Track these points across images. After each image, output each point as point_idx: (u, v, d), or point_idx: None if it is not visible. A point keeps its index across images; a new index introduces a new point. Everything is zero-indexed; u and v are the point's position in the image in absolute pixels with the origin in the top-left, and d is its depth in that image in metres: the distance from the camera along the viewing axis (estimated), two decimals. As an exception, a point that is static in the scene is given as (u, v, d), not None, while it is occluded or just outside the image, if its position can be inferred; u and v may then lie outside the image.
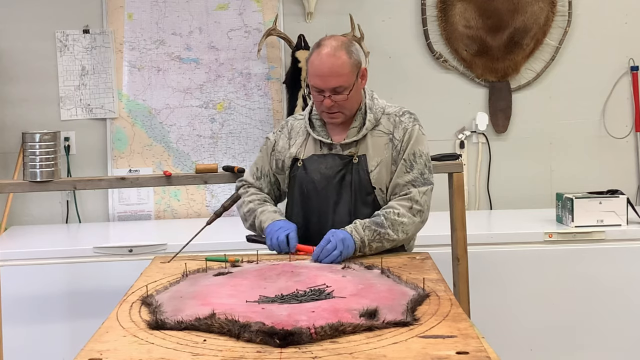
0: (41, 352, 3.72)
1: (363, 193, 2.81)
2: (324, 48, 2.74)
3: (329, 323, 1.87)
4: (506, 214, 4.51)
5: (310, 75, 2.77)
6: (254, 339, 1.81)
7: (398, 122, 2.86)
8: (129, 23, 4.53)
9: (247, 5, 4.58)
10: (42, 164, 3.30)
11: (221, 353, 1.75)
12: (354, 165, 2.82)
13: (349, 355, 1.74)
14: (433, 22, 4.63)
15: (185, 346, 1.80)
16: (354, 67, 2.76)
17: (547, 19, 4.61)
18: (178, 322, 1.92)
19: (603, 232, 3.89)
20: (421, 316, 2.01)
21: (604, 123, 4.69)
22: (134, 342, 1.84)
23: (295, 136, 2.95)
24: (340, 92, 2.75)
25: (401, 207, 2.77)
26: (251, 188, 3.02)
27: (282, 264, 2.56)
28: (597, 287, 3.85)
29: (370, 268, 2.51)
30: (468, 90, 4.67)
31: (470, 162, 4.66)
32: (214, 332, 1.87)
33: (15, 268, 3.66)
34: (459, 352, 1.76)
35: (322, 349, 1.78)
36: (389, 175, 2.83)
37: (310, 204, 2.87)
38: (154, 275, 2.48)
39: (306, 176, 2.87)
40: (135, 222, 4.49)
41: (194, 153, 4.55)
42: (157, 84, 4.54)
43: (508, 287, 3.86)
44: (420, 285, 2.26)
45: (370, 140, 2.84)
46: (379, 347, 1.79)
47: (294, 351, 1.76)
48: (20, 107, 4.48)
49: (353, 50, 2.78)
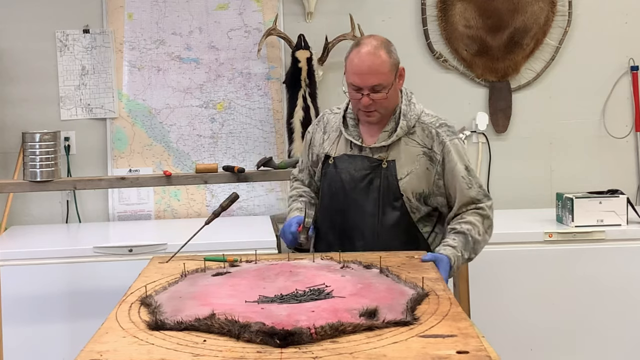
0: (41, 352, 3.72)
1: (390, 198, 2.80)
2: (364, 47, 2.74)
3: (329, 323, 1.87)
4: (506, 214, 4.50)
5: (349, 73, 2.76)
6: (254, 339, 1.81)
7: (435, 135, 2.83)
8: (129, 23, 4.53)
9: (247, 5, 4.58)
10: (42, 164, 3.31)
11: (221, 353, 1.75)
12: (383, 170, 2.81)
13: (349, 355, 1.74)
14: (433, 22, 4.63)
15: (185, 347, 1.80)
16: (393, 66, 2.76)
17: (547, 19, 4.61)
18: (178, 323, 1.91)
19: (603, 232, 3.89)
20: (421, 315, 2.01)
21: (604, 123, 4.69)
22: (133, 343, 1.84)
23: (329, 131, 2.96)
24: (378, 90, 2.74)
25: (478, 223, 2.80)
26: (295, 182, 3.11)
27: (281, 264, 2.56)
28: (597, 287, 3.85)
29: (369, 267, 2.50)
30: (468, 90, 4.67)
31: (471, 162, 4.65)
32: (214, 332, 1.87)
33: (15, 268, 3.66)
34: (460, 352, 1.76)
35: (322, 349, 1.78)
36: (423, 186, 2.81)
37: (337, 202, 2.87)
38: (152, 276, 2.47)
39: (335, 175, 2.88)
40: (135, 222, 4.49)
41: (194, 153, 4.55)
42: (157, 83, 4.54)
43: (508, 287, 3.86)
44: (420, 285, 2.26)
45: (403, 148, 2.82)
46: (379, 346, 1.79)
47: (294, 351, 1.76)
48: (20, 107, 4.48)
49: (392, 49, 2.79)
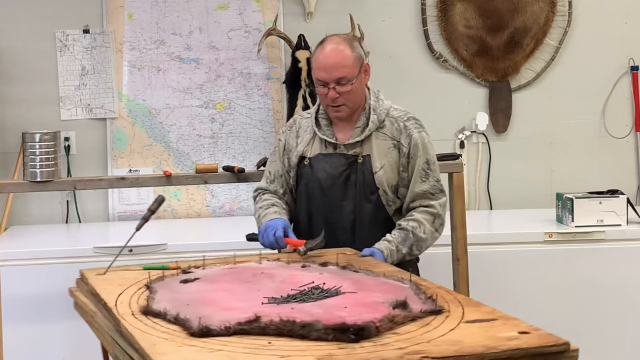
0: (41, 352, 3.72)
1: (367, 192, 2.87)
2: (328, 44, 2.86)
3: (385, 315, 1.87)
4: (506, 214, 4.51)
5: (315, 69, 2.86)
6: (323, 337, 1.77)
7: (403, 127, 2.91)
8: (129, 23, 4.53)
9: (247, 5, 4.58)
10: (42, 164, 3.30)
11: (304, 352, 1.70)
12: (359, 165, 2.88)
13: (427, 343, 1.75)
14: (433, 22, 4.63)
15: (259, 350, 1.73)
16: (357, 60, 2.85)
17: (547, 19, 4.61)
18: (226, 328, 1.82)
19: (603, 232, 3.89)
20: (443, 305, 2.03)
21: (604, 123, 4.69)
22: (200, 351, 1.73)
23: (302, 134, 3.00)
24: (344, 83, 2.82)
25: (426, 221, 2.86)
26: (265, 194, 3.05)
27: (250, 267, 2.50)
28: (597, 287, 3.85)
29: (325, 265, 2.52)
30: (468, 90, 4.67)
31: (470, 162, 4.66)
32: (268, 334, 1.81)
33: (15, 268, 3.65)
34: (521, 332, 1.78)
35: (396, 340, 1.77)
36: (396, 178, 2.89)
37: (316, 202, 2.92)
38: (110, 288, 2.32)
39: (312, 175, 2.92)
40: (135, 222, 4.44)
41: (194, 153, 4.55)
42: (157, 84, 4.54)
43: (508, 287, 3.86)
44: (403, 278, 2.30)
45: (375, 142, 2.89)
46: (440, 334, 1.80)
47: (373, 344, 1.74)
48: (20, 107, 4.48)
49: (356, 45, 2.90)
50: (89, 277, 2.47)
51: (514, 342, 1.72)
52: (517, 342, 1.72)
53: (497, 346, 1.70)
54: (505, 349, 1.69)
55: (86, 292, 2.44)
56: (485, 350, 1.68)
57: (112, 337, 2.08)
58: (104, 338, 2.18)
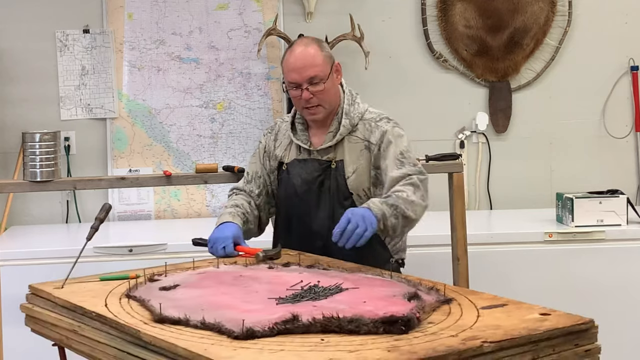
0: (41, 352, 3.71)
1: (341, 198, 2.83)
2: (297, 46, 2.88)
3: (417, 306, 1.90)
4: (506, 214, 4.51)
5: (286, 72, 2.86)
6: (373, 331, 1.78)
7: (374, 127, 2.86)
8: (129, 23, 4.53)
9: (247, 5, 4.58)
10: (42, 164, 3.30)
11: (366, 346, 1.71)
12: (332, 170, 2.86)
13: (470, 329, 1.80)
14: (433, 22, 4.63)
15: (321, 346, 1.72)
16: (327, 59, 2.86)
17: (547, 19, 4.61)
18: (270, 329, 1.81)
19: (603, 232, 3.89)
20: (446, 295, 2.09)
21: (604, 123, 4.69)
22: (261, 352, 1.71)
23: (281, 138, 3.00)
24: (316, 83, 2.81)
25: (407, 189, 2.72)
26: (238, 195, 3.02)
27: (230, 272, 2.49)
28: (597, 287, 3.85)
29: (288, 265, 2.53)
30: (468, 90, 4.67)
31: (470, 162, 4.66)
32: (312, 332, 1.81)
33: (15, 268, 3.65)
34: (542, 314, 1.89)
35: (441, 329, 1.81)
36: (368, 181, 2.84)
37: (293, 208, 2.90)
38: (88, 300, 2.24)
39: (288, 180, 2.92)
40: (135, 222, 4.48)
41: (194, 153, 4.55)
42: (157, 83, 4.54)
43: (508, 287, 3.85)
44: (383, 273, 2.33)
45: (347, 146, 2.87)
46: (473, 321, 1.86)
47: (424, 334, 1.77)
48: (20, 107, 4.48)
49: (324, 46, 2.91)
50: (48, 291, 2.38)
51: (547, 323, 1.83)
52: (550, 323, 1.83)
53: (536, 328, 1.80)
54: (545, 330, 1.79)
55: (51, 307, 2.35)
56: (530, 332, 1.77)
57: (119, 350, 2.01)
58: (96, 352, 2.11)
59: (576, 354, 1.84)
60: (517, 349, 1.75)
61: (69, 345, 2.28)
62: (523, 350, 1.76)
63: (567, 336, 1.83)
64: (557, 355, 1.81)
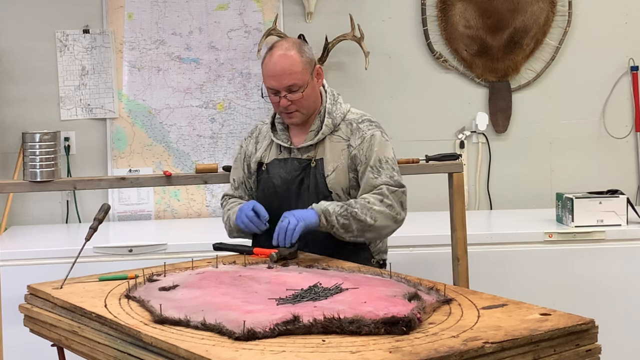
0: (41, 352, 3.71)
1: (320, 197, 2.82)
2: (276, 50, 2.80)
3: (417, 306, 1.90)
4: (506, 214, 4.51)
5: (265, 77, 2.81)
6: (374, 332, 1.79)
7: (355, 129, 2.86)
8: (129, 23, 4.53)
9: (247, 5, 4.58)
10: (42, 164, 3.30)
11: (368, 347, 1.71)
12: (312, 169, 2.85)
13: (470, 330, 1.81)
14: (433, 22, 4.63)
15: (322, 347, 1.73)
16: (307, 64, 2.80)
17: (547, 19, 4.61)
18: (271, 330, 1.81)
19: (603, 232, 3.89)
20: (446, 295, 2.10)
21: (604, 123, 4.69)
22: (263, 352, 1.73)
23: (262, 140, 3.00)
24: (295, 90, 2.78)
25: (371, 197, 2.76)
26: (231, 199, 3.05)
27: (229, 272, 2.49)
28: (597, 287, 3.85)
29: (286, 265, 2.54)
30: (468, 90, 4.67)
31: (470, 162, 4.66)
32: (313, 333, 1.81)
33: (15, 268, 3.65)
34: (543, 314, 1.90)
35: (442, 330, 1.81)
36: (347, 181, 2.84)
37: (273, 207, 2.88)
38: (87, 301, 2.25)
39: (268, 180, 2.91)
40: (135, 222, 4.48)
41: (194, 153, 4.55)
42: (157, 84, 4.54)
43: (508, 287, 3.85)
44: (380, 272, 2.34)
45: (328, 145, 2.86)
46: (473, 321, 1.87)
47: (425, 334, 1.78)
48: (20, 107, 4.47)
49: (305, 49, 2.84)
50: (47, 291, 2.38)
51: (548, 323, 1.83)
52: (551, 323, 1.84)
53: (537, 328, 1.80)
54: (546, 330, 1.80)
55: (50, 307, 2.35)
56: (531, 333, 1.78)
57: (119, 351, 2.01)
58: (96, 353, 2.11)
59: (577, 354, 1.85)
60: (518, 350, 1.76)
61: (68, 346, 2.27)
62: (524, 351, 1.77)
63: (567, 336, 1.84)
64: (558, 355, 1.82)
